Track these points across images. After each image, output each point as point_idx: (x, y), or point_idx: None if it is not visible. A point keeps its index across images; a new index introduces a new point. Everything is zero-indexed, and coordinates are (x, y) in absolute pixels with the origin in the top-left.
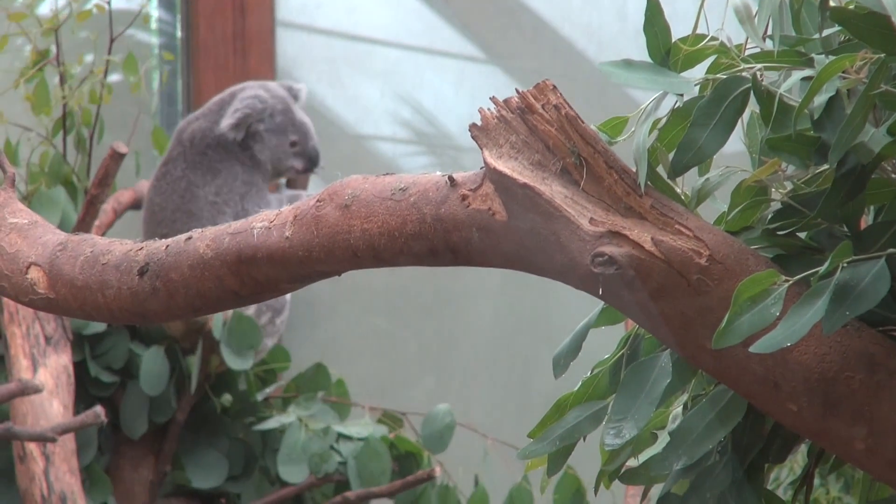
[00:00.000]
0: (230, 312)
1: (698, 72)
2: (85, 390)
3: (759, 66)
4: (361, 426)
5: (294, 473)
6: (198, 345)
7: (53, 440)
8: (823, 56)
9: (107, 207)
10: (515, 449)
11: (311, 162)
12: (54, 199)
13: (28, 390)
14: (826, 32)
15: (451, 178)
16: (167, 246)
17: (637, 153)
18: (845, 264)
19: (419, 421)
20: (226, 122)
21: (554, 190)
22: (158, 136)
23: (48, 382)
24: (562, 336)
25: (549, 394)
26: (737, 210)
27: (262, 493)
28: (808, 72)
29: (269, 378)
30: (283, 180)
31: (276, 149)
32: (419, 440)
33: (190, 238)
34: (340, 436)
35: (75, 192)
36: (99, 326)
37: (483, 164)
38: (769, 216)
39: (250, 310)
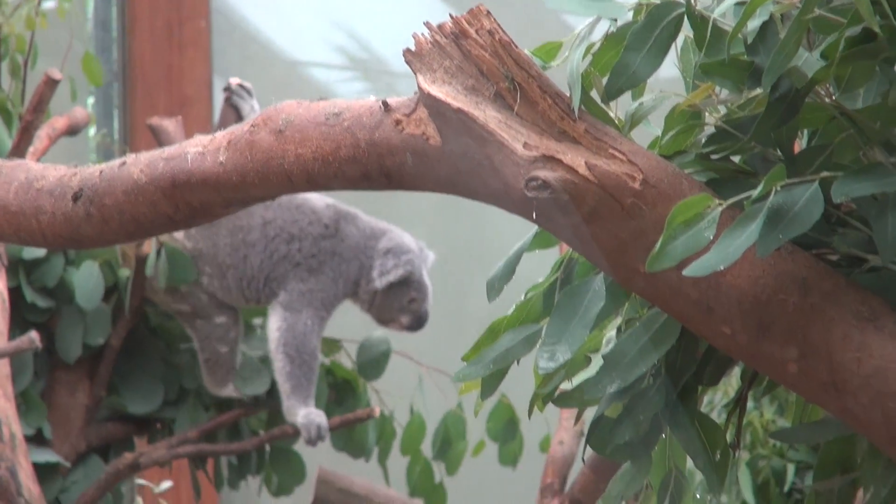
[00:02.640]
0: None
1: None
2: (20, 316)
3: None
4: None
5: (231, 400)
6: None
7: None
8: None
9: (41, 134)
10: (449, 375)
11: (419, 323)
12: None
13: None
14: None
15: (385, 104)
16: (101, 172)
17: (571, 78)
18: (779, 188)
19: (354, 348)
20: (386, 279)
21: (488, 115)
22: (90, 63)
23: None
24: (496, 261)
25: (484, 318)
26: (670, 134)
27: (198, 419)
28: None
29: None
30: None
31: (394, 299)
32: (354, 367)
33: (124, 164)
34: None
35: (10, 119)
36: (35, 252)
37: (417, 90)
38: (703, 140)
39: (183, 288)
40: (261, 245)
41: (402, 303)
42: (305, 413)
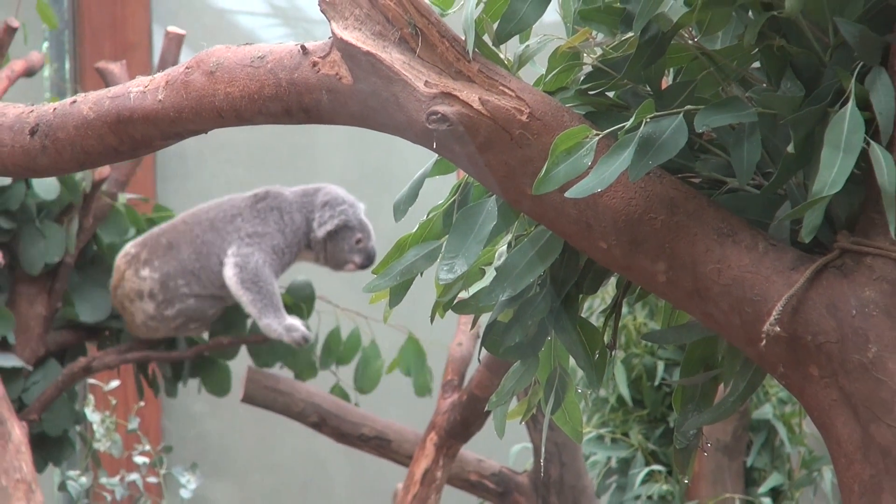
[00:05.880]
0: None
1: None
2: None
3: None
4: None
5: None
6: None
7: None
8: None
9: (1, 75)
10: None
11: (369, 259)
12: None
13: None
14: None
15: (303, 47)
16: (55, 109)
17: (466, 24)
18: (648, 119)
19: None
20: (325, 229)
21: (393, 56)
22: (44, 9)
23: None
24: (402, 186)
25: (392, 236)
26: (553, 73)
27: None
28: None
29: (152, 225)
30: None
31: (343, 243)
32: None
33: (75, 101)
34: None
35: None
36: (1, 180)
37: (331, 35)
38: (582, 78)
39: (168, 311)
40: (211, 235)
41: (350, 244)
42: (286, 327)
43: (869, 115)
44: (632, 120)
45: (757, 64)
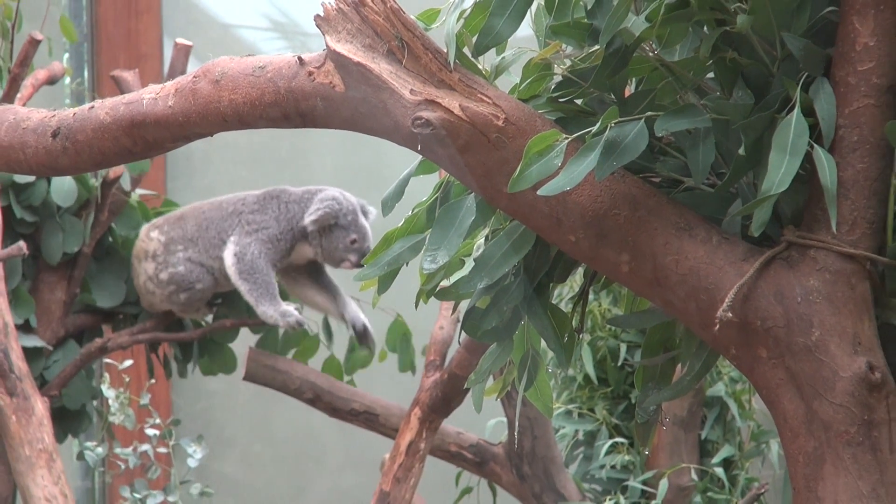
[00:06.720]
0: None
1: None
2: (11, 229)
3: None
4: None
5: None
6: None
7: None
8: None
9: (27, 83)
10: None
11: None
12: None
13: None
14: None
15: (300, 59)
16: (75, 114)
17: (447, 37)
18: (613, 124)
19: None
20: (310, 218)
21: (381, 67)
22: (65, 24)
23: None
24: (389, 184)
25: (380, 230)
26: (527, 82)
27: (154, 314)
28: None
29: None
30: None
31: (337, 241)
32: None
33: (93, 107)
34: None
35: (0, 72)
36: (25, 177)
37: (325, 47)
38: (553, 87)
39: (163, 275)
40: (215, 213)
41: (346, 244)
42: (281, 312)
43: (813, 120)
44: (598, 125)
45: (711, 74)
